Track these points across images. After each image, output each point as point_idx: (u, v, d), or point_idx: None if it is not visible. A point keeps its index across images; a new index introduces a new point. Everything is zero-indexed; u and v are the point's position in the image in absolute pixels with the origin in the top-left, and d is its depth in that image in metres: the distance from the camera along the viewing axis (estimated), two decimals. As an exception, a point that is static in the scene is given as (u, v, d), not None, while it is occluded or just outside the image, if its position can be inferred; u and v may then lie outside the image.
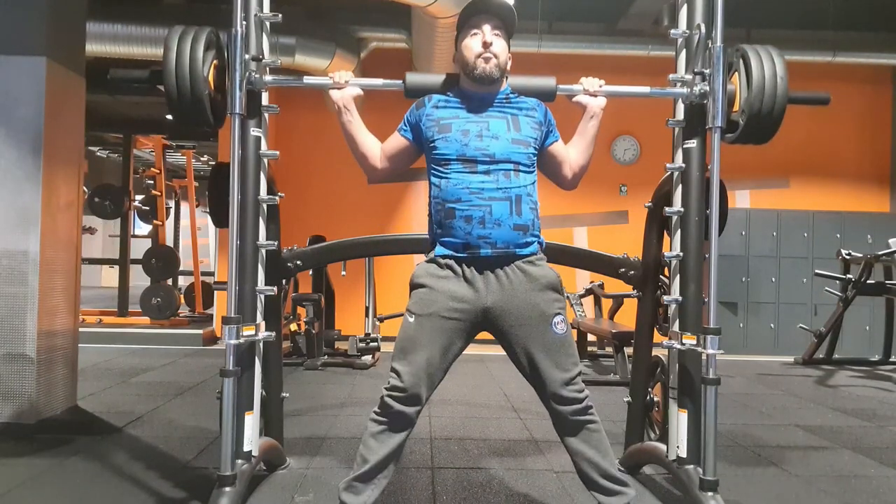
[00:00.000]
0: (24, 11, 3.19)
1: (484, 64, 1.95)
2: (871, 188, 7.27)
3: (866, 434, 3.46)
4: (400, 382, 1.88)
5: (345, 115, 2.10)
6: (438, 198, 1.96)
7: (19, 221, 3.16)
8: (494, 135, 1.95)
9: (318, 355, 5.32)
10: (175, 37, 2.12)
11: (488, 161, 1.92)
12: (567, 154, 2.10)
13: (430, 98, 2.07)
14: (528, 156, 1.97)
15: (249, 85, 2.17)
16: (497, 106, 2.01)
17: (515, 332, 1.93)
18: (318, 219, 6.61)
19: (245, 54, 2.13)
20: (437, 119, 2.00)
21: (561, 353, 1.93)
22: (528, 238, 1.95)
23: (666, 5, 5.89)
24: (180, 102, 2.11)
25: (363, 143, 2.10)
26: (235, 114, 2.11)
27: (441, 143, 1.96)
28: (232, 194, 2.11)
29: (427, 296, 1.93)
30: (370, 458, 1.88)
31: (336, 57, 5.42)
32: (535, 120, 2.02)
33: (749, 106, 2.17)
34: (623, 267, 2.72)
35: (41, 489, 2.41)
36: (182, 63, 2.08)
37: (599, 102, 2.11)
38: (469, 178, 1.91)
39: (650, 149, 7.03)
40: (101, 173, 11.18)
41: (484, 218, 1.89)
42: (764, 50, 2.21)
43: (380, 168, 2.11)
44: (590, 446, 1.94)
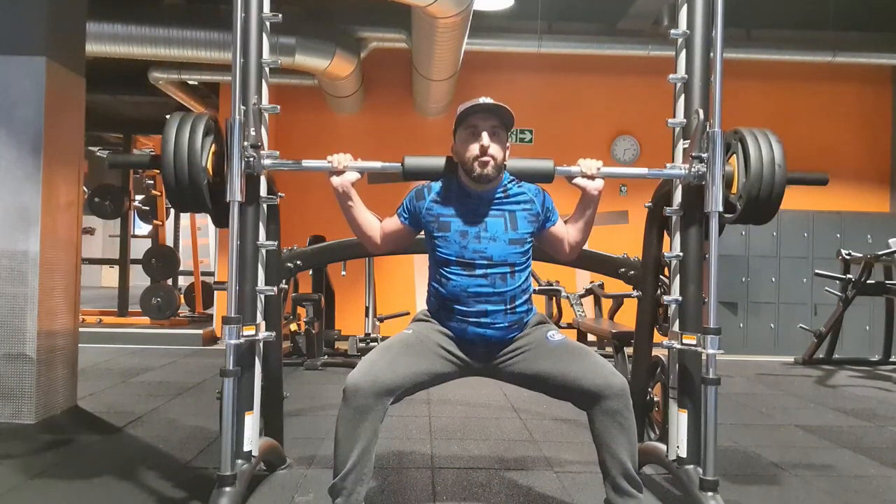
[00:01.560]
0: (24, 11, 3.19)
1: (481, 168, 1.99)
2: (871, 188, 7.27)
3: (866, 434, 3.46)
4: (370, 370, 1.89)
5: (346, 201, 2.12)
6: (439, 291, 2.06)
7: (19, 221, 3.17)
8: (492, 236, 2.01)
9: (318, 355, 5.31)
10: (174, 124, 2.14)
11: (486, 264, 1.99)
12: (566, 232, 2.15)
13: (428, 190, 2.11)
14: (523, 253, 2.05)
15: (248, 170, 2.17)
16: (495, 204, 2.05)
17: (519, 363, 2.03)
18: (318, 219, 6.59)
19: (244, 142, 2.13)
20: (436, 216, 2.06)
21: (570, 354, 1.98)
22: (519, 329, 2.06)
23: (666, 5, 5.89)
24: (179, 190, 2.14)
25: (364, 224, 2.15)
26: (235, 201, 2.11)
27: (441, 242, 2.03)
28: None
29: (430, 326, 2.08)
30: (349, 455, 1.86)
31: (336, 57, 5.41)
32: (532, 213, 2.07)
33: (747, 192, 2.20)
34: (623, 267, 2.72)
35: (41, 489, 2.41)
36: (181, 152, 2.11)
37: (597, 185, 2.11)
38: (467, 280, 2.00)
39: (650, 149, 7.02)
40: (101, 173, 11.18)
41: (479, 321, 2.00)
42: (762, 135, 2.23)
43: (380, 245, 2.18)
44: (619, 444, 1.92)
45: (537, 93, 7.00)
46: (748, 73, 6.61)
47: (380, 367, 1.90)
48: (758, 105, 6.86)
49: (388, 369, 1.90)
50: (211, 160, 2.19)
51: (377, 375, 1.88)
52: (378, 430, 1.90)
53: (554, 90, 7.12)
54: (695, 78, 2.29)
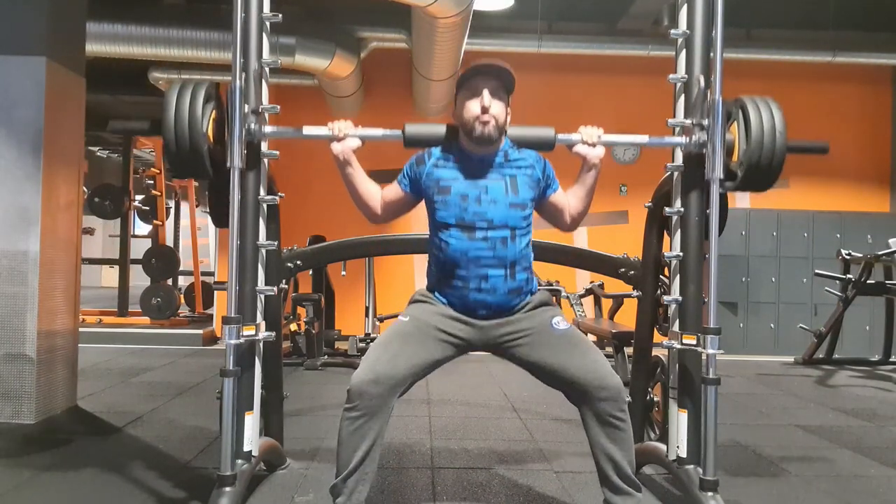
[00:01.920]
0: (24, 11, 3.19)
1: (482, 127, 1.97)
2: (871, 188, 7.27)
3: (866, 434, 3.46)
4: (373, 369, 1.87)
5: (346, 168, 2.11)
6: (439, 256, 2.03)
7: (19, 221, 3.17)
8: (493, 199, 1.99)
9: (318, 355, 5.31)
10: (175, 91, 2.13)
11: (486, 227, 1.97)
12: (567, 202, 2.14)
13: (429, 155, 2.10)
14: (524, 217, 2.02)
15: (249, 136, 2.17)
16: (496, 167, 2.04)
17: (518, 344, 2.00)
18: (318, 219, 6.60)
19: (245, 107, 2.13)
20: (436, 179, 2.04)
21: (573, 347, 1.96)
22: (521, 297, 2.03)
23: (666, 5, 5.89)
24: (179, 156, 2.12)
25: (365, 192, 2.13)
26: (235, 167, 2.11)
27: (441, 205, 2.01)
28: (232, 194, 2.11)
29: (428, 308, 2.03)
30: (353, 455, 1.85)
31: (336, 57, 5.41)
32: (533, 178, 2.06)
33: (748, 159, 2.18)
34: (623, 267, 2.72)
35: (41, 489, 2.41)
36: (181, 118, 2.09)
37: (598, 153, 2.10)
38: (467, 244, 1.97)
39: (650, 149, 7.00)
40: (101, 173, 11.18)
41: (480, 286, 1.97)
42: (763, 102, 2.22)
43: (380, 214, 2.16)
44: (614, 444, 1.92)
45: (537, 93, 6.99)
46: (748, 73, 6.60)
47: (382, 366, 1.88)
48: (758, 105, 6.85)
49: (389, 366, 1.88)
50: (212, 127, 2.17)
51: (380, 374, 1.86)
52: (384, 430, 1.89)
53: (554, 90, 7.12)
54: (695, 78, 2.29)
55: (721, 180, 2.14)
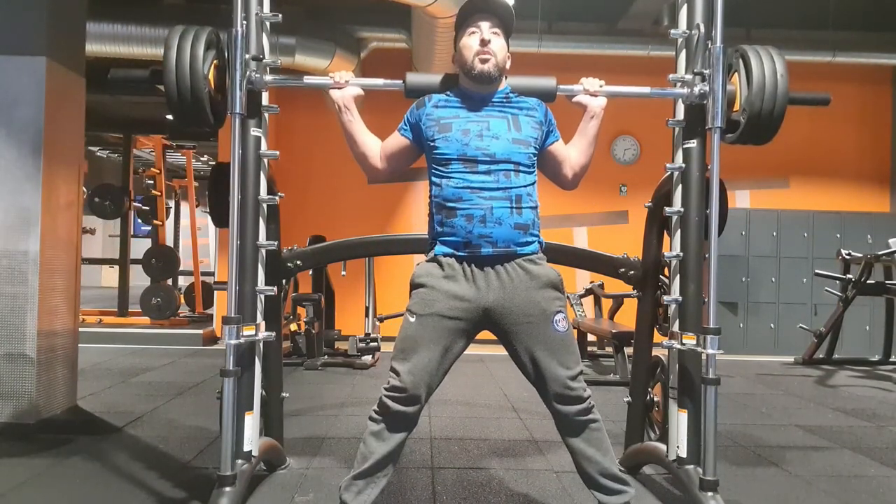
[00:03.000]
0: (24, 11, 3.19)
1: (481, 64, 1.95)
2: (871, 188, 7.27)
3: (866, 434, 3.46)
4: (399, 382, 1.87)
5: (345, 115, 2.09)
6: (439, 197, 1.96)
7: (19, 221, 3.17)
8: (495, 134, 1.94)
9: (318, 355, 5.31)
10: (175, 36, 2.12)
11: (489, 161, 1.92)
12: (567, 154, 2.10)
13: (429, 98, 2.07)
14: (528, 156, 1.97)
15: (250, 84, 2.17)
16: (497, 105, 2.00)
17: (517, 329, 1.93)
18: (318, 219, 6.61)
19: (245, 54, 2.13)
20: (437, 118, 2.00)
21: (563, 352, 1.93)
22: (528, 237, 1.95)
23: (666, 5, 5.89)
24: (180, 102, 2.10)
25: (363, 142, 2.09)
26: (236, 113, 2.10)
27: (441, 142, 1.96)
28: (232, 194, 2.11)
29: (428, 295, 1.93)
30: (370, 456, 1.88)
31: (336, 57, 5.42)
32: (536, 120, 2.02)
33: (749, 105, 2.16)
34: (623, 267, 2.71)
35: (41, 489, 2.41)
36: (182, 63, 2.08)
37: (600, 102, 2.11)
38: (470, 177, 1.91)
39: (650, 149, 7.03)
40: (101, 173, 11.18)
41: (485, 216, 1.89)
42: (764, 50, 2.21)
43: (380, 168, 2.10)
44: (591, 445, 1.94)
45: (537, 93, 7.00)
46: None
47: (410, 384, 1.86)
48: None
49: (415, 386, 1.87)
50: (213, 74, 2.17)
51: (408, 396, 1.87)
52: (406, 439, 1.93)
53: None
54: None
55: (722, 130, 2.12)
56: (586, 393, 1.94)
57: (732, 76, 2.25)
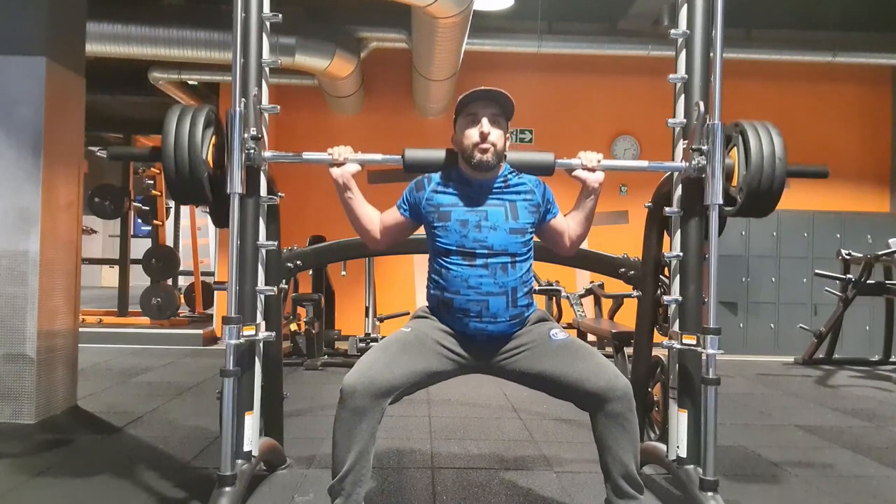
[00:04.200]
0: (24, 11, 3.19)
1: (481, 155, 1.98)
2: (871, 188, 7.27)
3: (866, 434, 3.46)
4: (366, 371, 1.86)
5: (345, 193, 2.12)
6: (439, 282, 2.03)
7: (19, 221, 3.17)
8: (493, 225, 1.99)
9: (318, 355, 5.32)
10: (174, 117, 2.13)
11: (486, 254, 1.97)
12: (566, 226, 2.14)
13: (429, 180, 2.10)
14: (524, 243, 2.03)
15: (249, 162, 2.17)
16: (496, 193, 2.04)
17: (519, 360, 2.00)
18: (318, 219, 6.60)
19: (244, 134, 2.13)
20: (436, 205, 2.04)
21: (573, 354, 1.96)
22: (521, 321, 2.04)
23: (666, 5, 5.88)
24: (179, 183, 2.13)
25: (364, 217, 2.13)
26: (235, 193, 2.11)
27: (441, 231, 2.01)
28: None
29: (430, 324, 2.04)
30: (346, 456, 1.85)
31: (336, 57, 5.41)
32: (533, 203, 2.06)
33: (748, 185, 2.19)
34: (623, 267, 2.72)
35: (41, 489, 2.41)
36: (181, 144, 2.10)
37: (597, 177, 2.10)
38: (468, 271, 1.97)
39: (650, 149, 7.02)
40: (101, 173, 11.17)
41: (481, 313, 1.97)
42: (762, 127, 2.22)
43: (379, 240, 2.16)
44: (621, 444, 1.91)
45: (537, 93, 7.00)
46: (748, 73, 6.61)
47: (377, 368, 1.88)
48: (758, 105, 6.84)
49: (385, 370, 1.87)
50: (211, 152, 2.18)
51: (374, 377, 1.86)
52: (375, 431, 1.88)
53: (554, 90, 7.12)
54: (695, 78, 2.29)
55: (720, 205, 2.14)
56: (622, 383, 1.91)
57: (731, 150, 2.26)
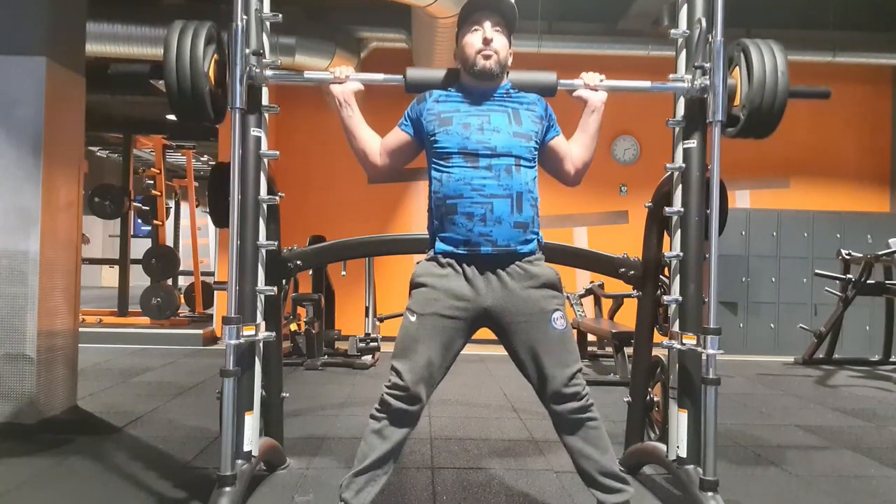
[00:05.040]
0: (24, 11, 3.19)
1: (484, 61, 1.95)
2: (871, 188, 7.27)
3: (866, 434, 3.46)
4: (400, 381, 1.88)
5: (345, 110, 2.09)
6: (439, 193, 1.95)
7: (19, 221, 3.16)
8: (496, 128, 1.94)
9: (318, 355, 5.31)
10: (175, 32, 2.12)
11: (490, 154, 1.91)
12: (569, 149, 2.09)
13: (430, 93, 2.07)
14: (529, 149, 1.96)
15: (250, 80, 2.17)
16: (497, 100, 2.01)
17: (515, 328, 1.93)
18: (318, 219, 6.60)
19: (245, 49, 2.13)
20: (437, 113, 1.99)
21: (561, 350, 1.93)
22: (528, 236, 1.95)
23: (666, 5, 5.89)
24: (181, 98, 2.11)
25: (363, 138, 2.09)
26: (236, 108, 2.10)
27: (442, 136, 1.95)
28: (232, 194, 2.11)
29: (428, 294, 1.93)
30: (370, 454, 1.89)
31: (336, 57, 5.42)
32: (536, 114, 2.02)
33: (750, 101, 2.17)
34: (623, 267, 2.71)
35: (41, 489, 2.41)
36: (182, 58, 2.08)
37: (600, 97, 2.11)
38: (471, 173, 1.90)
39: (650, 149, 7.03)
40: (101, 173, 11.18)
41: (485, 216, 1.88)
42: (765, 44, 2.21)
43: (380, 164, 2.09)
44: (589, 443, 1.93)
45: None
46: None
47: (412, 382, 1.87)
48: (758, 105, 6.85)
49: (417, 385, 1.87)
50: (213, 69, 2.17)
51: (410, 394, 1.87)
52: (407, 437, 1.92)
53: (554, 90, 7.11)
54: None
55: (722, 124, 2.12)
56: (584, 391, 1.94)
57: (733, 70, 2.25)
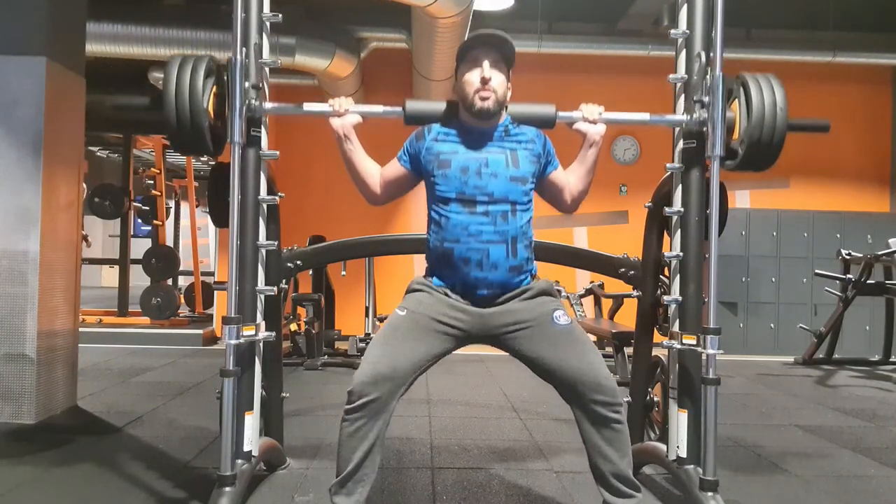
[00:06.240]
0: (24, 11, 3.19)
1: (481, 102, 1.96)
2: (871, 188, 7.27)
3: (866, 434, 3.46)
4: (372, 368, 1.85)
5: (345, 144, 2.10)
6: (438, 234, 1.99)
7: (19, 221, 3.17)
8: (493, 172, 1.96)
9: (318, 355, 5.31)
10: (175, 66, 2.12)
11: (487, 201, 1.94)
12: (567, 180, 2.12)
13: (429, 129, 2.08)
14: (525, 192, 2.00)
15: (249, 112, 2.17)
16: (496, 140, 2.02)
17: (517, 338, 1.96)
18: (318, 219, 6.60)
19: (245, 83, 2.13)
20: (436, 153, 2.01)
21: (571, 345, 1.93)
22: (521, 275, 2.00)
23: (666, 5, 5.89)
24: (180, 132, 2.12)
25: (364, 170, 2.11)
26: (235, 143, 2.11)
27: (441, 179, 1.98)
28: (232, 194, 2.11)
29: (423, 298, 1.98)
30: (352, 456, 1.84)
31: (336, 57, 5.41)
32: (534, 153, 2.04)
33: (749, 136, 2.17)
34: (623, 267, 2.71)
35: (41, 489, 2.41)
36: (182, 93, 2.09)
37: (599, 130, 2.10)
38: (468, 219, 1.94)
39: (650, 149, 7.03)
40: (101, 173, 11.18)
41: (481, 261, 1.93)
42: (764, 79, 2.21)
43: (380, 194, 2.14)
44: (609, 444, 1.90)
45: (537, 93, 6.99)
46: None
47: (383, 367, 1.85)
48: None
49: (390, 368, 1.85)
50: (212, 102, 2.17)
51: (381, 376, 1.84)
52: (384, 431, 1.88)
53: (554, 90, 7.11)
54: (695, 78, 2.29)
55: (722, 158, 2.13)
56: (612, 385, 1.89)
57: (732, 103, 2.25)
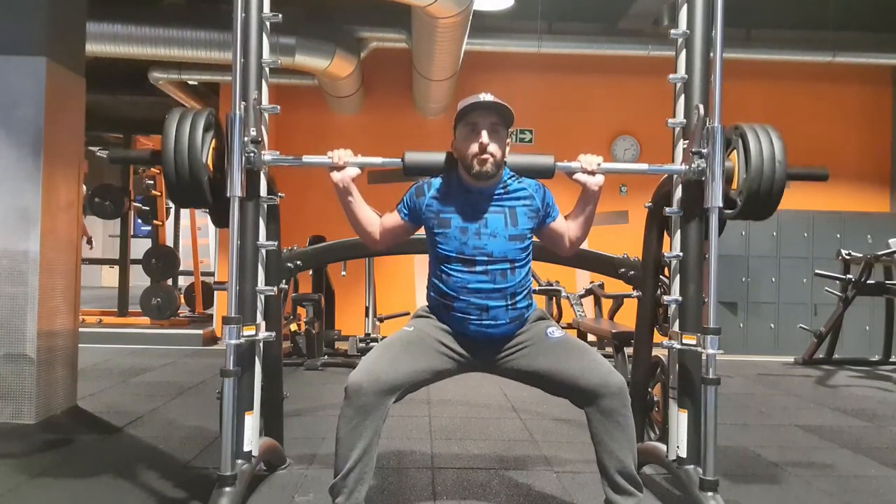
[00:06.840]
0: (24, 11, 3.19)
1: (480, 166, 1.99)
2: (871, 188, 7.27)
3: (866, 434, 3.46)
4: (371, 369, 1.90)
5: (346, 196, 2.12)
6: (439, 287, 2.06)
7: (19, 221, 3.17)
8: (492, 232, 2.01)
9: (318, 355, 5.31)
10: (174, 120, 2.14)
11: (486, 260, 1.99)
12: (566, 228, 2.15)
13: (429, 186, 2.11)
14: (523, 248, 2.05)
15: (248, 165, 2.17)
16: (495, 200, 2.05)
17: (517, 360, 2.03)
18: (318, 219, 6.59)
19: (244, 137, 2.13)
20: (436, 212, 2.06)
21: (569, 351, 1.99)
22: (521, 323, 2.07)
23: (666, 5, 5.89)
24: (179, 186, 2.14)
25: (364, 220, 2.14)
26: (235, 196, 2.11)
27: (441, 238, 2.03)
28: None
29: (431, 322, 2.07)
30: (349, 455, 1.86)
31: (336, 57, 5.41)
32: (532, 209, 2.07)
33: (747, 188, 2.19)
34: (623, 267, 2.72)
35: (41, 489, 2.41)
36: (181, 148, 2.10)
37: (597, 181, 2.10)
38: (468, 276, 2.00)
39: (650, 149, 7.02)
40: (101, 173, 11.17)
41: (481, 316, 2.00)
42: (762, 130, 2.22)
43: (379, 241, 2.18)
44: (617, 441, 1.94)
45: (537, 93, 7.00)
46: (748, 73, 6.61)
47: (381, 366, 1.91)
48: (758, 105, 6.85)
49: (389, 368, 1.91)
50: (211, 156, 2.19)
51: (379, 374, 1.89)
52: (380, 429, 1.90)
53: (554, 90, 7.12)
54: (695, 78, 2.29)
55: (720, 208, 2.14)
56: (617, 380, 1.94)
57: (730, 153, 2.25)
